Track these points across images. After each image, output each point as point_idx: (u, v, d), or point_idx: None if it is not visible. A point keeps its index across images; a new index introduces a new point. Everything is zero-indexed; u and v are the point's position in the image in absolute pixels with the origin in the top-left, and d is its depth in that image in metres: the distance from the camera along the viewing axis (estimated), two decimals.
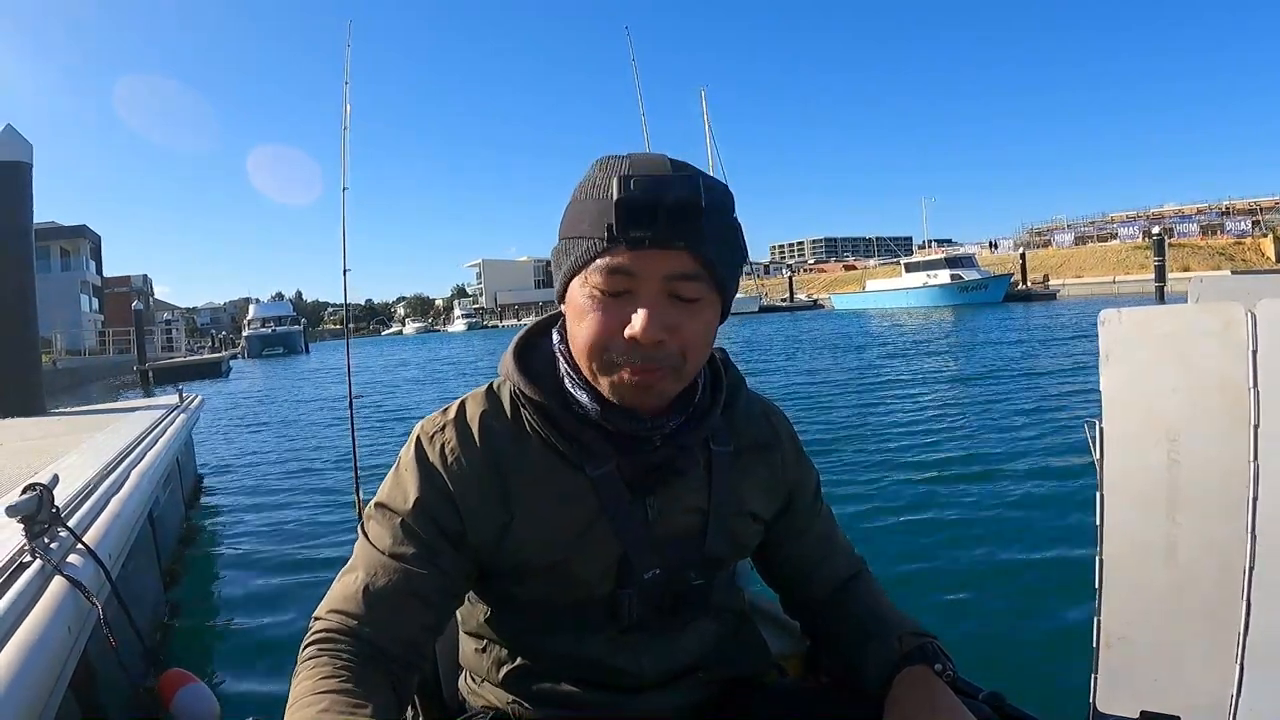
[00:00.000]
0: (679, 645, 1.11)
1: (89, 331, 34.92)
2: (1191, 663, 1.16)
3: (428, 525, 1.01)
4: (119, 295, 44.45)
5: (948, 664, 1.09)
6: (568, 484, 1.04)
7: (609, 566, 1.05)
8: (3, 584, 1.99)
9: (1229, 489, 1.12)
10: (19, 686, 1.57)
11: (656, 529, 1.06)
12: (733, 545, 1.14)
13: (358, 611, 0.97)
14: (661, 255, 0.92)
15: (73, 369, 24.17)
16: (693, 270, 0.94)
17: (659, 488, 1.06)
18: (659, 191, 0.89)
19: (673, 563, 1.07)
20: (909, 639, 1.11)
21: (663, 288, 0.93)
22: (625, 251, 0.91)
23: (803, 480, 1.23)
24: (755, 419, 1.19)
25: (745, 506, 1.14)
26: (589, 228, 0.94)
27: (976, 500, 5.36)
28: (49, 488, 2.32)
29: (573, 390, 1.03)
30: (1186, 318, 1.17)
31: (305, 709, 0.88)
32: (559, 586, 1.05)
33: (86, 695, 2.19)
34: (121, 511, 3.04)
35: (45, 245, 35.35)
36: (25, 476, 2.63)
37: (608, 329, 0.94)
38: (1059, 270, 57.49)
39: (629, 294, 0.94)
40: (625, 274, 0.93)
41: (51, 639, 1.81)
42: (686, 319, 0.95)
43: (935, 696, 1.01)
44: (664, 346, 0.94)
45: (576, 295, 0.97)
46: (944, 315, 36.00)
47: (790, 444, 1.22)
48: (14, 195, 8.05)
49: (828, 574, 1.23)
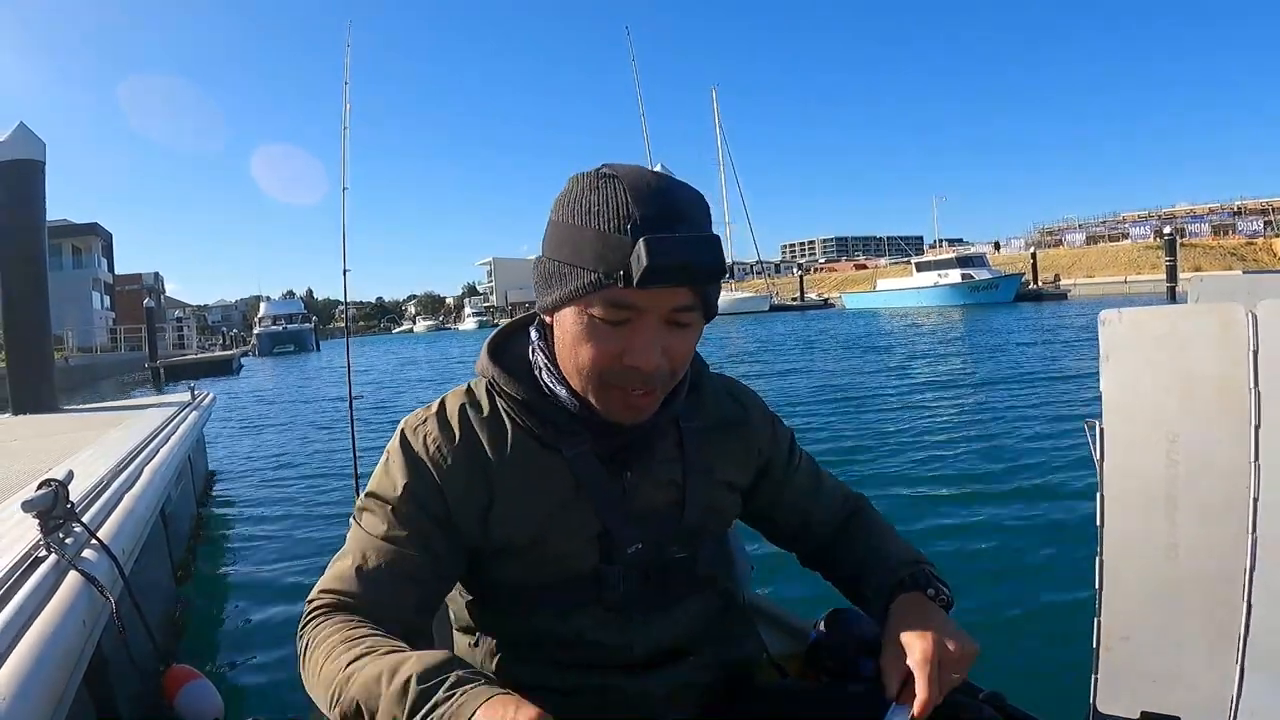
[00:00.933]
0: (667, 622, 1.14)
1: (100, 329, 35.16)
2: (1192, 663, 1.16)
3: (417, 511, 1.04)
4: (130, 293, 44.68)
5: (941, 588, 1.13)
6: (544, 465, 1.08)
7: (590, 541, 1.09)
8: (19, 578, 2.02)
9: (1229, 489, 1.12)
10: (36, 679, 1.59)
11: (634, 503, 1.11)
12: (710, 515, 1.18)
13: (354, 590, 1.01)
14: (669, 293, 0.95)
15: (84, 366, 24.34)
16: (691, 302, 0.98)
17: (634, 463, 1.11)
18: (685, 257, 0.91)
19: (654, 536, 1.12)
20: (903, 568, 1.16)
21: (664, 319, 0.98)
22: (633, 290, 0.93)
23: (775, 441, 1.28)
24: (721, 397, 1.25)
25: (719, 476, 1.19)
26: (592, 260, 0.94)
27: (976, 500, 5.35)
28: (64, 483, 2.35)
29: (550, 384, 1.08)
30: (1187, 318, 1.17)
31: (344, 652, 0.90)
32: (543, 563, 1.09)
33: (99, 688, 2.22)
34: (135, 508, 3.07)
35: (57, 243, 35.60)
36: (40, 472, 2.65)
37: (608, 356, 0.98)
38: (1070, 270, 57.20)
39: (628, 323, 0.97)
40: (629, 308, 0.96)
41: (67, 633, 1.83)
42: (680, 341, 1.00)
43: (927, 618, 1.05)
44: (660, 368, 0.99)
45: (571, 318, 1.00)
46: (956, 315, 35.84)
47: (758, 414, 1.27)
48: (26, 193, 8.10)
49: (824, 518, 1.29)
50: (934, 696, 0.97)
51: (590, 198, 0.96)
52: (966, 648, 1.01)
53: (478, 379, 1.15)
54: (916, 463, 6.65)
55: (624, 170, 0.98)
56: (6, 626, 1.73)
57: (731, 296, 66.16)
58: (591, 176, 0.99)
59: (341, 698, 0.86)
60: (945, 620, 1.07)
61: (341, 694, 0.86)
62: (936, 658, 0.99)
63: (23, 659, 1.62)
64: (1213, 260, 49.62)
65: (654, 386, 1.01)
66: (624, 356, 0.97)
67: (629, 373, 0.98)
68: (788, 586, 3.31)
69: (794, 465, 1.29)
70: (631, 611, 1.12)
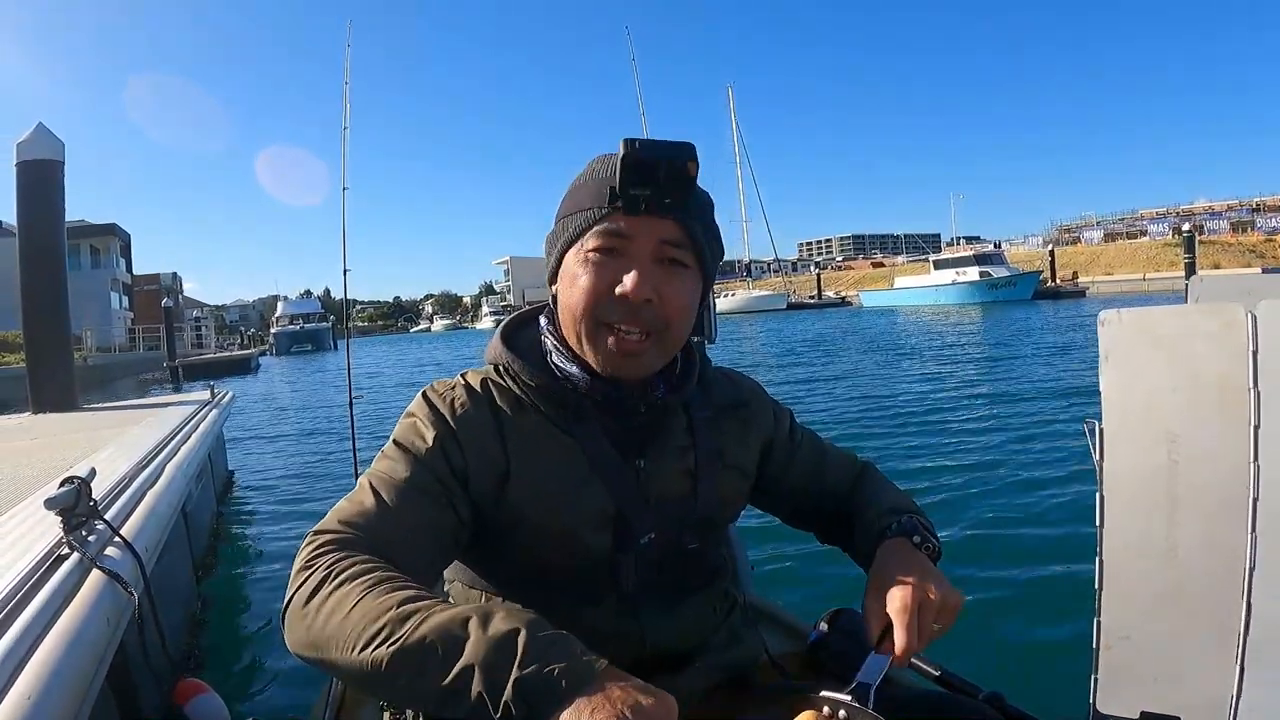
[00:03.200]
0: (677, 619, 1.14)
1: (119, 328, 35.37)
2: (1192, 663, 1.15)
3: (443, 463, 1.04)
4: (149, 293, 44.97)
5: (928, 536, 1.14)
6: (559, 446, 1.09)
7: (604, 525, 1.09)
8: (42, 576, 2.01)
9: (1229, 489, 1.12)
10: (61, 677, 1.58)
11: (649, 490, 1.11)
12: (722, 503, 1.20)
13: (375, 529, 0.96)
14: (654, 221, 1.02)
15: (103, 365, 24.49)
16: (680, 238, 1.04)
17: (648, 449, 1.13)
18: (659, 153, 0.99)
19: (668, 525, 1.12)
20: (889, 515, 1.17)
21: (653, 252, 1.03)
22: (622, 216, 1.02)
23: (776, 422, 1.31)
24: (723, 384, 1.28)
25: (729, 460, 1.21)
26: (587, 199, 1.04)
27: (975, 500, 5.32)
28: (86, 481, 2.34)
29: (561, 364, 1.11)
30: (1186, 318, 1.17)
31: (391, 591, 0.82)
32: (556, 546, 1.08)
33: (122, 686, 2.22)
34: (157, 505, 3.08)
35: (75, 243, 35.78)
36: (61, 470, 2.66)
37: (599, 288, 1.03)
38: (1088, 268, 56.68)
39: (621, 256, 1.03)
40: (619, 236, 1.02)
41: (90, 630, 1.82)
42: (673, 283, 1.05)
43: (909, 565, 1.05)
44: (651, 307, 1.03)
45: (571, 263, 1.06)
46: (974, 313, 35.57)
47: (757, 397, 1.31)
48: (46, 192, 8.16)
49: (831, 488, 1.32)
50: (913, 644, 0.97)
51: (593, 164, 1.08)
52: (950, 597, 1.01)
53: (487, 366, 1.18)
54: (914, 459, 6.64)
55: None
56: (31, 624, 1.73)
57: (749, 295, 66.07)
58: (601, 154, 1.09)
59: (389, 636, 0.77)
60: (928, 568, 1.06)
61: (391, 633, 0.77)
62: (916, 605, 0.98)
63: (47, 657, 1.62)
64: (1232, 257, 49.12)
65: (644, 327, 1.04)
66: (615, 287, 1.02)
67: (618, 304, 1.02)
68: (788, 586, 3.34)
69: (796, 443, 1.32)
70: (644, 602, 1.12)
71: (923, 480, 5.90)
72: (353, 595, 0.83)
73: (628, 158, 0.98)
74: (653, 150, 0.99)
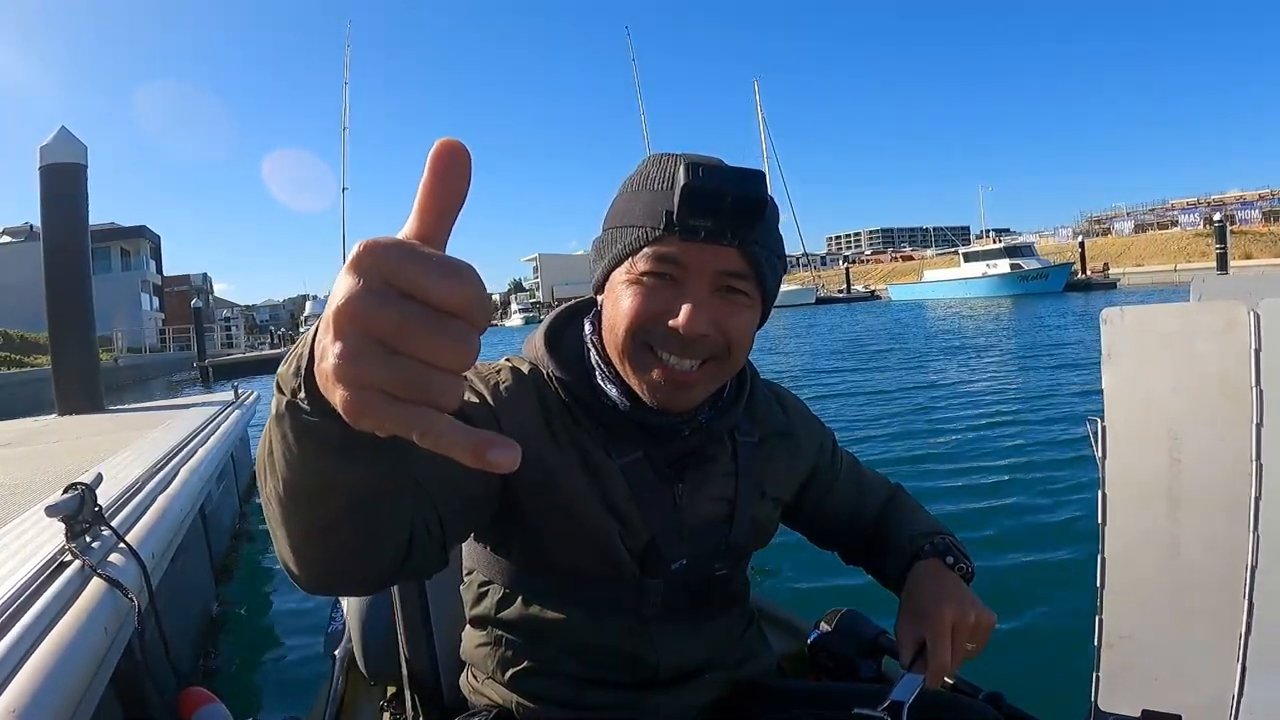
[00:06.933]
0: (695, 640, 1.11)
1: (149, 329, 35.73)
2: (1193, 662, 1.15)
3: (486, 423, 0.95)
4: (179, 293, 45.34)
5: (961, 559, 1.12)
6: (597, 465, 1.03)
7: (635, 550, 1.04)
8: (40, 585, 1.99)
9: (1231, 488, 1.12)
10: (52, 688, 1.56)
11: (685, 517, 1.06)
12: (755, 532, 1.15)
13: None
14: (714, 250, 0.92)
15: (134, 366, 24.82)
16: (743, 269, 0.94)
17: (688, 474, 1.07)
18: (725, 184, 0.88)
19: (700, 552, 1.07)
20: (921, 539, 1.15)
21: (711, 281, 0.93)
22: (677, 242, 0.91)
23: (820, 447, 1.26)
24: (770, 405, 1.21)
25: (769, 491, 1.16)
26: (641, 216, 0.94)
27: (975, 499, 5.28)
28: (91, 488, 2.32)
29: (602, 383, 1.03)
30: (1189, 316, 1.17)
31: None
32: (582, 559, 1.03)
33: (128, 694, 2.21)
34: (168, 509, 3.08)
35: (106, 246, 36.29)
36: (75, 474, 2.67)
37: (649, 310, 0.94)
38: (1118, 259, 55.82)
39: (675, 283, 0.93)
40: (674, 263, 0.93)
41: (87, 639, 1.81)
42: (733, 314, 0.95)
43: (942, 586, 1.05)
44: (706, 340, 0.94)
45: (619, 281, 0.97)
46: (1006, 306, 35.17)
47: (805, 424, 1.25)
48: (69, 196, 8.16)
49: (868, 513, 1.28)
50: (946, 664, 0.97)
51: (648, 168, 0.98)
52: (983, 618, 1.01)
53: (530, 360, 1.10)
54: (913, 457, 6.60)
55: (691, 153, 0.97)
56: (26, 632, 1.72)
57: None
58: (656, 155, 0.99)
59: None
60: (961, 589, 1.06)
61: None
62: (950, 625, 0.98)
63: (39, 667, 1.61)
64: (1263, 247, 48.21)
65: (699, 358, 0.95)
66: (666, 317, 0.93)
67: (670, 335, 0.93)
68: (788, 587, 3.32)
69: (837, 469, 1.28)
70: (664, 625, 1.08)
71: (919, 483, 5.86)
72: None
73: (686, 189, 0.87)
74: (717, 179, 0.88)
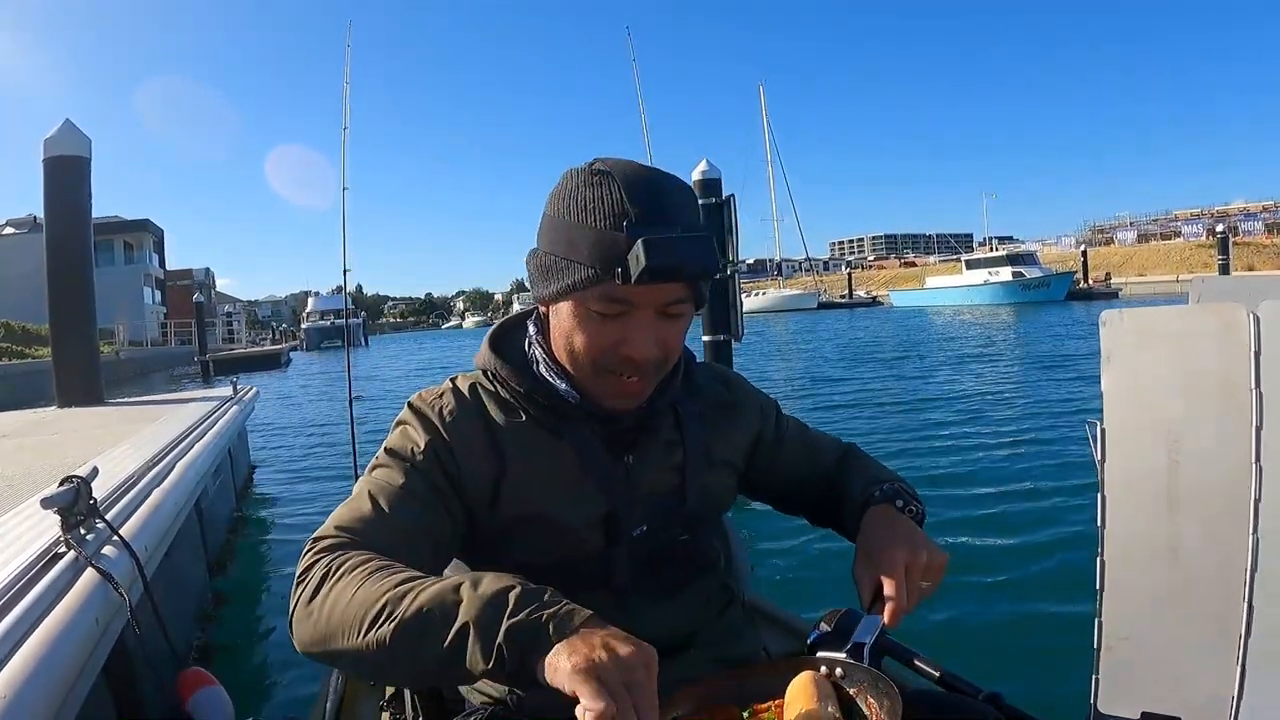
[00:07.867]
0: (673, 608, 1.16)
1: (151, 323, 35.82)
2: (1193, 664, 1.15)
3: (437, 469, 1.07)
4: (181, 288, 45.44)
5: (911, 501, 1.17)
6: (549, 448, 1.11)
7: (596, 521, 1.11)
8: (34, 576, 2.02)
9: (1231, 490, 1.11)
10: (41, 677, 1.59)
11: (638, 486, 1.13)
12: (711, 497, 1.22)
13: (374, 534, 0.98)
14: (662, 288, 1.01)
15: (135, 359, 24.90)
16: (685, 295, 1.04)
17: (635, 446, 1.15)
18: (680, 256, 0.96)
19: (658, 519, 1.14)
20: (872, 485, 1.19)
21: (658, 311, 1.03)
22: (630, 287, 0.98)
23: (763, 416, 1.33)
24: (713, 383, 1.29)
25: (716, 456, 1.23)
26: (589, 256, 0.99)
27: (976, 500, 5.28)
28: (86, 480, 2.35)
29: (548, 377, 1.12)
30: (1188, 318, 1.16)
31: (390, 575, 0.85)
32: (550, 544, 1.10)
33: (120, 683, 2.22)
34: (163, 503, 3.10)
35: (109, 239, 36.37)
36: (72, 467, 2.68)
37: (603, 346, 1.04)
38: (1121, 269, 55.85)
39: (624, 316, 1.02)
40: (625, 302, 1.01)
41: (77, 630, 1.83)
42: (672, 331, 1.06)
43: (894, 528, 1.09)
44: (654, 359, 1.05)
45: (568, 310, 1.05)
46: (1008, 314, 35.17)
47: (744, 394, 1.33)
48: (73, 188, 8.16)
49: (818, 473, 1.33)
50: (903, 604, 0.99)
51: (585, 194, 1.01)
52: (935, 557, 1.04)
53: (479, 371, 1.20)
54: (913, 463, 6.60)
55: (616, 165, 1.02)
56: (18, 623, 1.75)
57: (780, 294, 65.70)
58: (585, 172, 1.03)
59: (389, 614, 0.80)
60: (913, 530, 1.10)
61: (391, 611, 0.80)
62: (904, 566, 1.01)
63: (31, 653, 1.64)
64: (1266, 259, 48.22)
65: (647, 373, 1.06)
66: (620, 347, 1.03)
67: (624, 363, 1.04)
68: (788, 586, 3.35)
69: (784, 431, 1.34)
70: (636, 597, 1.13)
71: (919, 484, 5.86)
72: (352, 585, 0.86)
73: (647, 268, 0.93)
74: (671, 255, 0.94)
